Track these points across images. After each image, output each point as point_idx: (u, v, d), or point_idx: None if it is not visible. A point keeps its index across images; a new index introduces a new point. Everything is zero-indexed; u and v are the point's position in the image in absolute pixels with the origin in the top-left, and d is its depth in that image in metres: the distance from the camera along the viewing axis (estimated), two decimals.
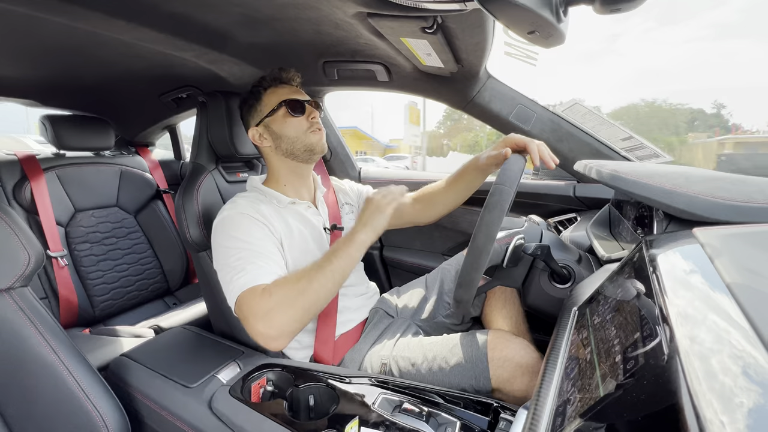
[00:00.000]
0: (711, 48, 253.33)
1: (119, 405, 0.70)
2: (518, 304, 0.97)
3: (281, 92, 0.88)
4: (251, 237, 0.78)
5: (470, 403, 0.64)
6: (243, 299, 0.70)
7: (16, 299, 0.66)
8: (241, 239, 0.77)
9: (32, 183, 1.36)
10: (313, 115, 0.89)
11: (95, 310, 1.46)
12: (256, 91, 0.90)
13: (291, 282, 0.71)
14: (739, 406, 0.22)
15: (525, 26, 0.50)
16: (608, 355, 0.37)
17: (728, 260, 0.36)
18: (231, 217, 0.81)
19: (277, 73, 0.89)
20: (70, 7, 0.72)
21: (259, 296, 0.69)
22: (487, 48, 0.87)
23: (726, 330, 0.28)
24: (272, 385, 0.74)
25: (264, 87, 0.89)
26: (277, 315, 0.67)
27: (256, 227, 0.80)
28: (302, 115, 0.88)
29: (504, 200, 0.66)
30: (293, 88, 0.91)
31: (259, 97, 0.89)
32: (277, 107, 0.87)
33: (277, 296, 0.68)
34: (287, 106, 0.86)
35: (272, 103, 0.87)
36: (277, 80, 0.89)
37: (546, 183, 1.28)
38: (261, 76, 0.90)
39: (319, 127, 0.90)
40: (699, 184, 0.52)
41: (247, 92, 0.92)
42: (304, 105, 0.88)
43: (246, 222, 0.80)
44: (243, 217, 0.81)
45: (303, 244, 0.88)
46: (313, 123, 0.89)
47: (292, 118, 0.87)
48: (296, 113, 0.87)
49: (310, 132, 0.88)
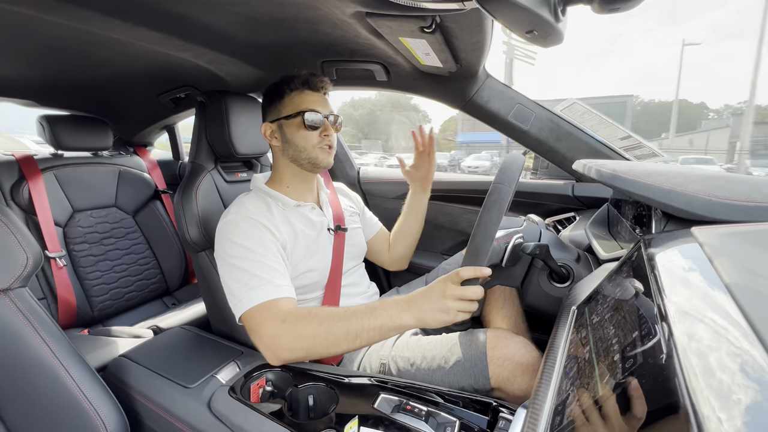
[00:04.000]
0: (711, 49, 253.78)
1: (118, 405, 0.70)
2: (517, 304, 0.97)
3: (305, 99, 0.87)
4: (258, 246, 0.78)
5: (469, 402, 0.64)
6: (252, 316, 0.72)
7: (14, 300, 0.65)
8: (249, 248, 0.77)
9: (30, 183, 1.35)
10: (326, 133, 0.87)
11: (94, 311, 1.45)
12: (281, 89, 0.88)
13: (309, 320, 0.69)
14: (736, 403, 0.22)
15: (523, 26, 0.50)
16: (607, 353, 0.37)
17: (726, 259, 0.36)
18: (237, 223, 0.80)
19: (308, 78, 0.87)
20: (68, 7, 0.72)
21: (270, 318, 0.70)
22: (485, 47, 0.87)
23: (724, 328, 0.28)
24: (271, 385, 0.74)
25: (291, 88, 0.87)
26: (280, 341, 0.69)
27: (262, 234, 0.80)
28: (317, 130, 0.87)
29: (502, 199, 0.66)
30: (319, 96, 0.89)
31: (282, 97, 0.88)
32: (295, 114, 0.86)
33: (288, 326, 0.69)
34: (305, 117, 0.85)
35: (292, 108, 0.86)
36: (306, 85, 0.88)
37: (545, 182, 1.28)
38: (291, 75, 0.88)
39: (329, 144, 0.88)
40: (697, 183, 0.52)
41: (274, 84, 0.90)
42: (322, 119, 0.87)
43: (252, 229, 0.79)
44: (249, 223, 0.80)
45: (307, 247, 0.88)
46: (324, 139, 0.87)
47: (306, 131, 0.86)
48: (311, 127, 0.86)
49: (318, 147, 0.87)
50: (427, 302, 0.66)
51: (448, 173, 1.69)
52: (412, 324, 0.67)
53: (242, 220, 0.80)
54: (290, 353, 0.70)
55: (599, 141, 1.13)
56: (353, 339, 0.67)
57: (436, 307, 0.65)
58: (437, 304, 0.65)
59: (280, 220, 0.85)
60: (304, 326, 0.69)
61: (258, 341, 0.72)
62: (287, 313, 0.71)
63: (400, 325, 0.67)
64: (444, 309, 0.64)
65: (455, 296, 0.64)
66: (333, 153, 0.90)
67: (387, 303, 0.69)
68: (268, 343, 0.70)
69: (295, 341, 0.69)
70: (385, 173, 1.62)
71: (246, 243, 0.77)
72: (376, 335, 0.67)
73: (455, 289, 0.65)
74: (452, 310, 0.64)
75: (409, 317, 0.67)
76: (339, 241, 0.96)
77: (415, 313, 0.66)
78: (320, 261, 0.90)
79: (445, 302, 0.65)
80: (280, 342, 0.69)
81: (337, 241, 0.95)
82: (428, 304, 0.66)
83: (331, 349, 0.68)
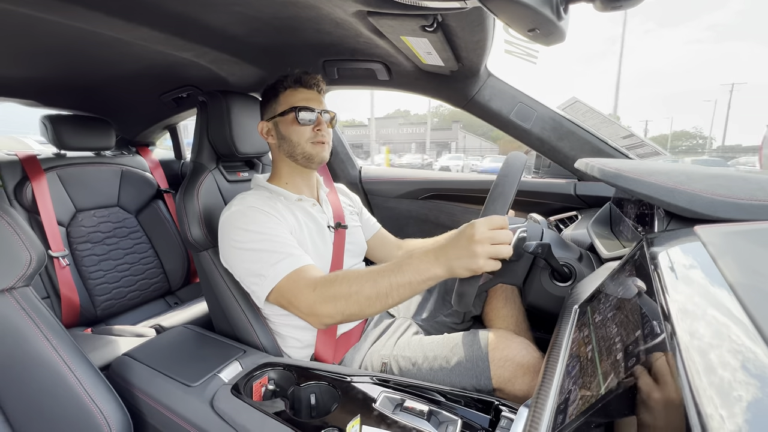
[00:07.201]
0: (711, 49, 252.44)
1: (121, 404, 0.70)
2: (519, 303, 0.97)
3: (298, 96, 0.88)
4: (268, 229, 0.79)
5: (471, 401, 0.64)
6: (283, 289, 0.73)
7: (18, 299, 0.66)
8: (260, 231, 0.78)
9: (33, 183, 1.36)
10: (319, 127, 0.88)
11: (97, 310, 1.46)
12: (276, 88, 0.90)
13: (338, 284, 0.69)
14: (739, 401, 0.22)
15: (525, 24, 0.50)
16: (609, 352, 0.37)
17: (729, 258, 0.36)
18: (243, 212, 0.81)
19: (300, 76, 0.89)
20: (71, 7, 0.72)
21: (303, 287, 0.72)
22: (487, 46, 0.87)
23: (727, 327, 0.28)
24: (274, 383, 0.74)
25: (284, 87, 0.89)
26: (319, 308, 0.70)
27: (269, 219, 0.81)
28: (310, 125, 0.87)
29: (507, 191, 0.66)
30: (312, 93, 0.90)
31: (277, 95, 0.89)
32: (288, 111, 0.87)
33: (321, 292, 0.70)
34: (297, 112, 0.86)
35: (286, 105, 0.88)
36: (298, 83, 0.89)
37: (547, 181, 1.28)
38: (285, 74, 0.90)
39: (322, 140, 0.89)
40: (700, 181, 0.52)
41: (270, 84, 0.92)
42: (314, 114, 0.88)
43: (259, 215, 0.80)
44: (255, 211, 0.81)
45: (311, 240, 0.89)
46: (317, 134, 0.88)
47: (299, 126, 0.87)
48: (304, 122, 0.87)
49: (311, 143, 0.88)
50: (455, 249, 0.62)
51: (448, 173, 1.69)
52: (442, 274, 0.63)
53: (247, 209, 0.81)
54: (331, 318, 0.70)
55: (601, 140, 1.13)
56: (384, 297, 0.65)
57: (464, 254, 0.61)
58: (465, 250, 0.61)
59: (284, 211, 0.86)
60: (336, 289, 0.69)
61: (296, 312, 0.74)
62: (316, 281, 0.72)
63: (429, 277, 0.64)
64: (472, 254, 0.60)
65: (485, 239, 0.60)
66: (327, 148, 0.91)
67: (414, 257, 0.66)
68: (308, 312, 0.71)
69: (332, 306, 0.69)
70: (386, 172, 1.62)
71: (256, 228, 0.78)
72: (406, 291, 0.65)
73: (485, 232, 0.60)
74: (482, 256, 0.60)
75: (437, 268, 0.63)
76: (339, 239, 0.96)
77: (443, 262, 0.63)
78: (320, 258, 0.90)
79: (473, 247, 0.60)
80: (318, 309, 0.70)
81: (337, 238, 0.95)
82: (455, 251, 0.62)
83: (365, 310, 0.67)
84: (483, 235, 0.60)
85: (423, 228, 1.51)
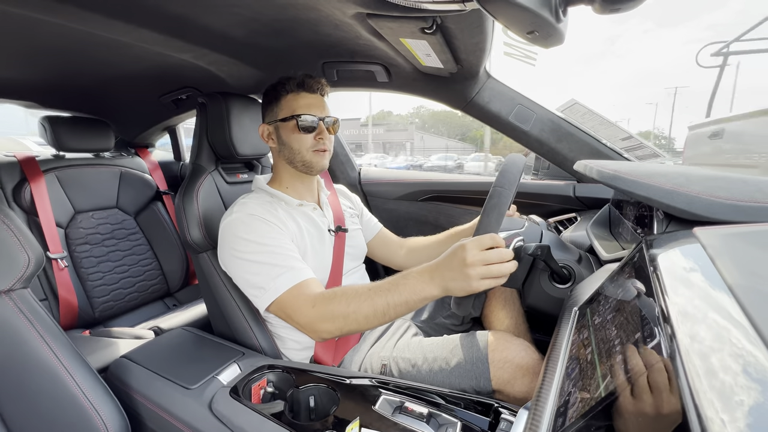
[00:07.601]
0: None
1: (119, 407, 0.70)
2: (518, 305, 0.97)
3: (301, 102, 0.86)
4: (269, 239, 0.78)
5: (471, 403, 0.64)
6: (282, 303, 0.74)
7: (15, 301, 0.66)
8: (260, 242, 0.77)
9: (32, 184, 1.36)
10: (321, 136, 0.87)
11: (95, 312, 1.46)
12: (278, 90, 0.88)
13: (337, 301, 0.70)
14: (739, 405, 0.22)
15: (524, 26, 0.50)
16: (609, 354, 0.37)
17: (728, 259, 0.36)
18: (243, 220, 0.80)
19: (303, 80, 0.87)
20: (69, 9, 0.72)
21: (302, 303, 0.73)
22: (486, 48, 0.87)
23: (727, 329, 0.28)
24: (273, 386, 0.74)
25: (287, 90, 0.87)
26: (317, 325, 0.72)
27: (270, 228, 0.80)
28: (311, 133, 0.86)
29: (502, 203, 0.66)
30: (315, 97, 0.88)
31: (279, 99, 0.88)
32: (290, 117, 0.85)
33: (319, 310, 0.71)
34: (299, 120, 0.84)
35: (287, 111, 0.86)
36: (302, 87, 0.87)
37: (546, 183, 1.28)
38: (288, 77, 0.87)
39: (323, 148, 0.87)
40: (699, 183, 0.52)
41: (272, 85, 0.89)
42: (316, 122, 0.86)
43: (260, 224, 0.80)
44: (256, 219, 0.80)
45: (311, 246, 0.88)
46: (318, 143, 0.87)
47: (300, 134, 0.86)
48: (305, 130, 0.85)
49: (312, 151, 0.87)
50: (449, 271, 0.62)
51: (449, 174, 1.69)
52: (438, 294, 0.64)
53: (248, 217, 0.81)
54: (329, 334, 0.72)
55: (600, 141, 1.13)
56: (382, 315, 0.67)
57: (458, 276, 0.61)
58: (458, 273, 0.61)
59: (285, 218, 0.85)
60: (335, 307, 0.70)
61: (295, 325, 0.75)
62: (315, 297, 0.72)
63: (425, 297, 0.64)
64: (466, 277, 0.60)
65: (477, 262, 0.60)
66: (328, 156, 0.90)
67: (410, 276, 0.66)
68: (307, 326, 0.73)
69: (331, 324, 0.70)
70: (386, 174, 1.62)
71: (257, 238, 0.78)
72: (402, 309, 0.66)
73: (476, 254, 0.60)
74: (475, 278, 0.59)
75: (433, 288, 0.64)
76: (339, 243, 0.96)
77: (438, 283, 0.63)
78: (320, 262, 0.90)
79: (466, 270, 0.60)
80: (317, 327, 0.71)
81: (338, 242, 0.95)
82: (450, 273, 0.62)
83: (363, 326, 0.69)
84: (474, 258, 0.60)
85: (422, 229, 1.51)
